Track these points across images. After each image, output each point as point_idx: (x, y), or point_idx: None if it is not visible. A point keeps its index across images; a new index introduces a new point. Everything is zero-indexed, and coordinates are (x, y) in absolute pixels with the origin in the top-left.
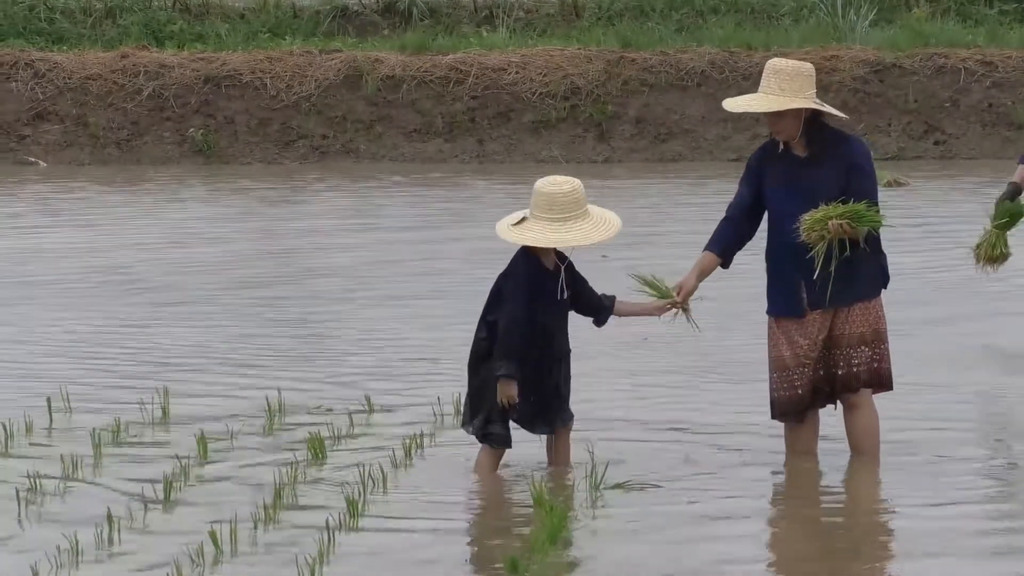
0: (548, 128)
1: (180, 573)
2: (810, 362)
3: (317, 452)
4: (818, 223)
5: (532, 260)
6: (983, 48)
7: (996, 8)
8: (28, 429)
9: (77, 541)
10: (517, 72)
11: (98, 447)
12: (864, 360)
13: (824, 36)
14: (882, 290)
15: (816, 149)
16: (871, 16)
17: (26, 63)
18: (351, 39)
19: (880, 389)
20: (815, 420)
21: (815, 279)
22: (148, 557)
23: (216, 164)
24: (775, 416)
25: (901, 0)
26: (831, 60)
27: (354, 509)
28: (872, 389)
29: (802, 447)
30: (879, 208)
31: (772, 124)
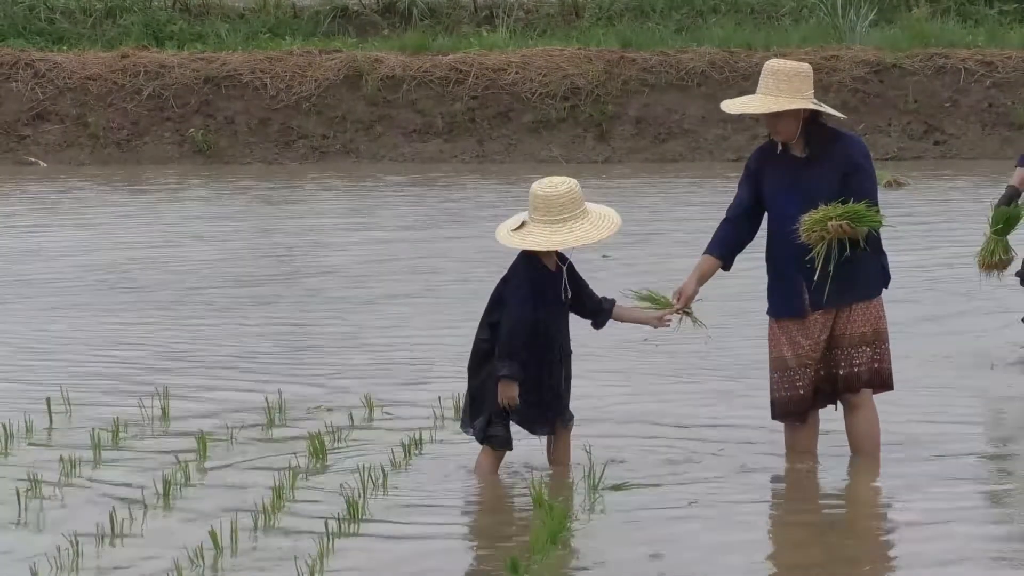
0: (548, 128)
1: (180, 573)
2: (812, 362)
3: (317, 452)
4: (817, 224)
5: (533, 262)
6: (983, 48)
7: (996, 8)
8: (28, 429)
9: (77, 541)
10: (517, 72)
11: (98, 447)
12: (865, 360)
13: (824, 36)
14: (883, 290)
15: (815, 149)
16: (871, 16)
17: (26, 63)
18: (351, 39)
19: (881, 389)
20: (815, 420)
21: (816, 279)
22: (148, 557)
23: (216, 164)
24: (775, 416)
25: (901, 0)
26: (831, 60)
27: (354, 509)
28: (873, 389)
29: (802, 447)
30: (879, 208)
31: (770, 125)
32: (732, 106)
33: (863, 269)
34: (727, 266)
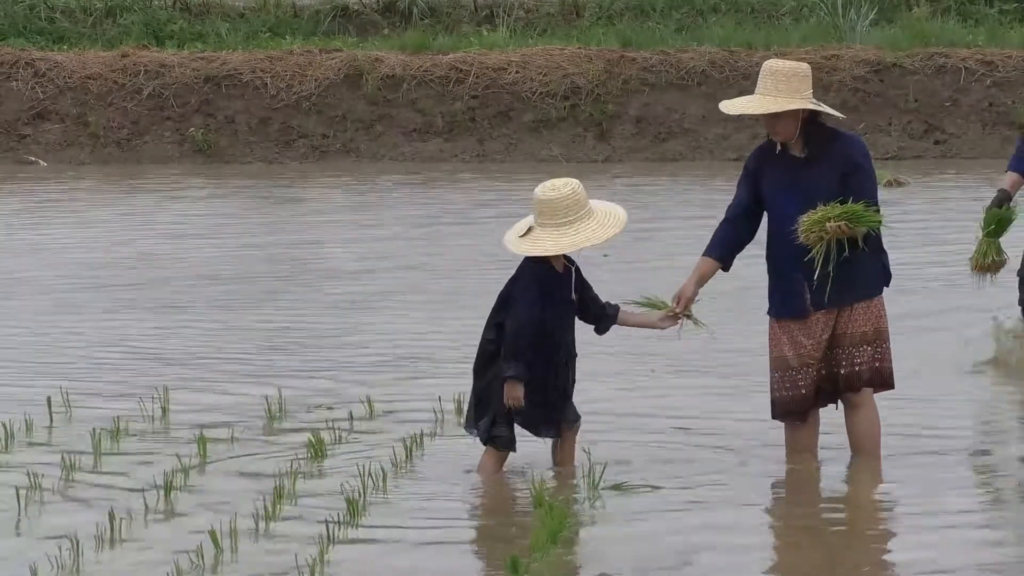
0: (548, 127)
1: (180, 573)
2: (814, 362)
3: (317, 452)
4: (816, 224)
5: (541, 263)
6: (983, 48)
7: (996, 8)
8: (28, 428)
9: (77, 541)
10: (517, 71)
11: (98, 446)
12: (866, 359)
13: (824, 35)
14: (884, 288)
15: (814, 149)
16: (871, 15)
17: (26, 62)
18: (351, 38)
19: (881, 388)
20: (816, 419)
21: (817, 279)
22: (148, 556)
23: (216, 163)
24: (776, 416)
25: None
26: (831, 59)
27: (354, 509)
28: (874, 388)
29: (802, 446)
30: (879, 208)
31: (769, 125)
32: (731, 107)
33: (864, 268)
34: (726, 267)
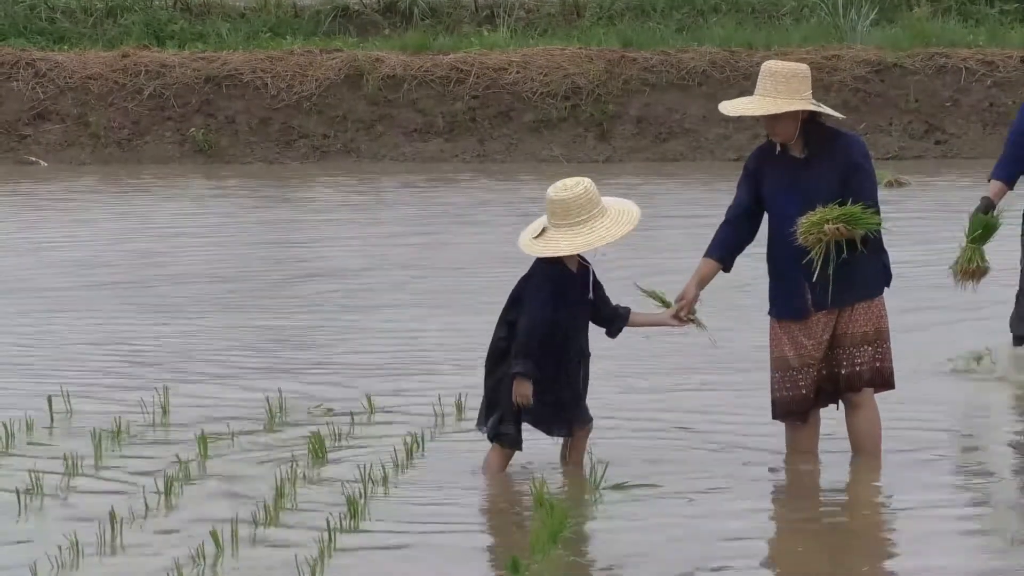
0: (549, 128)
1: (181, 573)
2: (815, 362)
3: (318, 452)
4: (815, 226)
5: (555, 262)
6: (984, 48)
7: (997, 8)
8: (29, 428)
9: (77, 541)
10: (518, 72)
11: (98, 446)
12: (867, 359)
13: (825, 36)
14: (885, 288)
15: (814, 149)
16: (872, 16)
17: (27, 63)
18: (352, 39)
19: (882, 388)
20: (816, 420)
21: (817, 280)
22: (149, 556)
23: (217, 164)
24: (776, 416)
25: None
26: (832, 60)
27: (354, 509)
28: (874, 388)
29: (803, 447)
30: (878, 208)
31: (769, 126)
32: (730, 107)
33: (865, 268)
34: (727, 268)
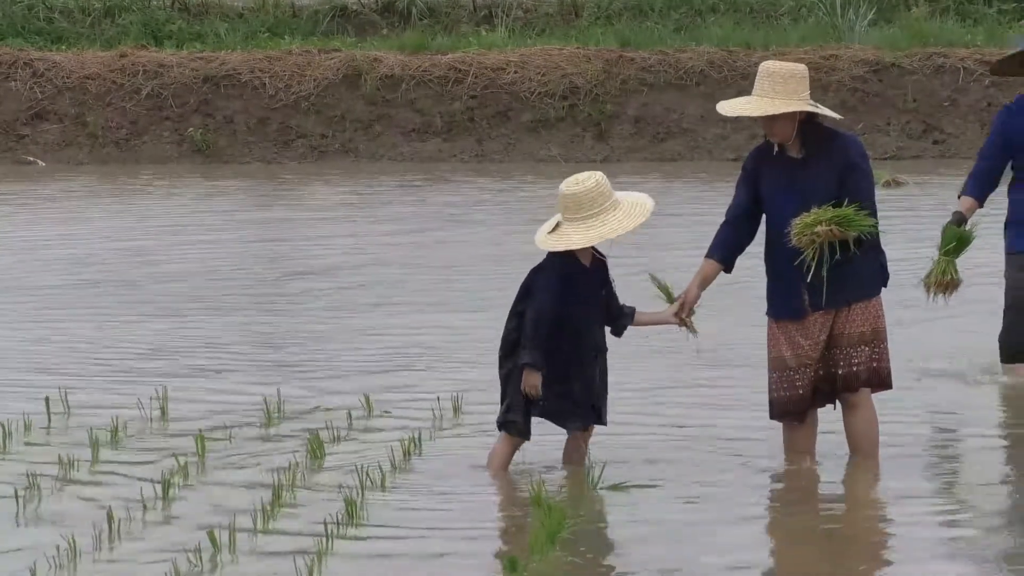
0: (547, 127)
1: (178, 573)
2: (812, 362)
3: (315, 452)
4: (808, 227)
5: (567, 256)
6: (982, 47)
7: (995, 7)
8: (27, 429)
9: (75, 541)
10: (516, 71)
11: (96, 447)
12: (864, 359)
13: (823, 35)
14: (882, 288)
15: (812, 149)
16: (870, 15)
17: (25, 62)
18: (350, 39)
19: (879, 388)
20: (814, 420)
21: (812, 281)
22: (146, 557)
23: (215, 163)
24: (774, 416)
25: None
26: (830, 59)
27: (352, 509)
28: (871, 388)
29: (801, 447)
30: (875, 209)
31: (767, 127)
32: (728, 108)
33: (862, 268)
34: (728, 269)
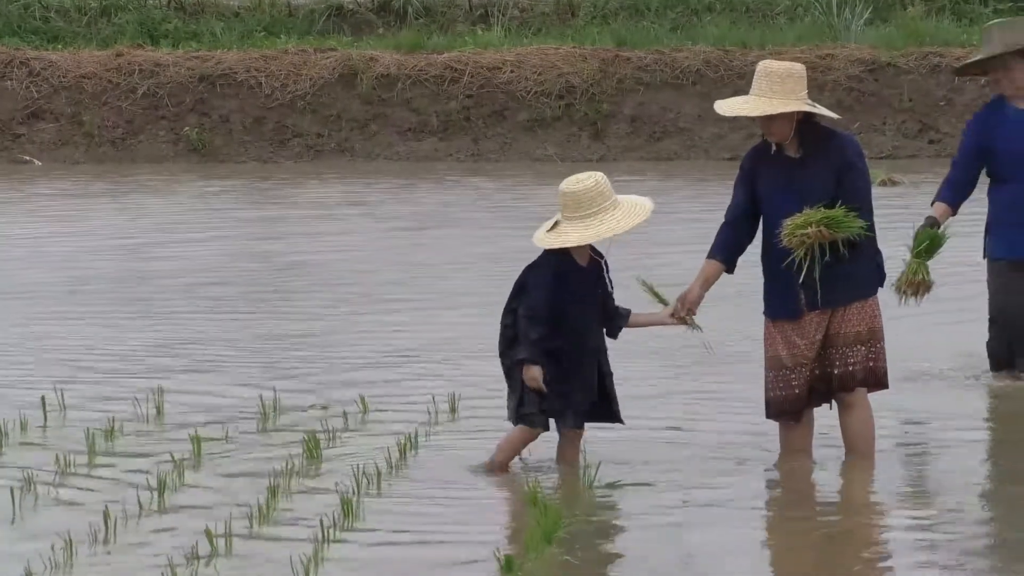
0: (543, 127)
1: (174, 572)
2: (808, 362)
3: (312, 452)
4: (798, 228)
5: (562, 255)
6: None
7: (991, 7)
8: (23, 428)
9: (71, 541)
10: (512, 71)
11: (92, 446)
12: (860, 359)
13: (819, 35)
14: (878, 288)
15: (809, 149)
16: (866, 15)
17: (21, 62)
18: (346, 38)
19: (876, 388)
20: (810, 419)
21: (804, 281)
22: (143, 557)
23: (211, 163)
24: (770, 416)
25: None
26: (826, 59)
27: (349, 508)
28: (867, 388)
29: (797, 446)
30: (871, 208)
31: (764, 126)
32: (726, 107)
33: (858, 268)
34: (730, 269)
